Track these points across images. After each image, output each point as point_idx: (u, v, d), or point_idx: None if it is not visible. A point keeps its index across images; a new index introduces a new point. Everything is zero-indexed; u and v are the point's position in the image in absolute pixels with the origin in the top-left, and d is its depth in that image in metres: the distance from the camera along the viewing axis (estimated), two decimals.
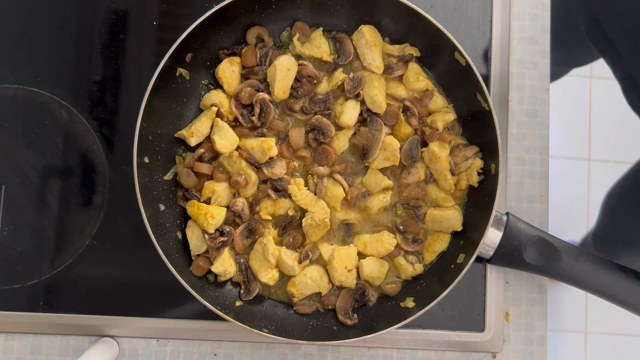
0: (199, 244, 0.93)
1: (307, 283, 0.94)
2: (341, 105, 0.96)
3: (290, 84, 0.95)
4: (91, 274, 0.98)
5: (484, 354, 1.00)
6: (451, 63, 0.92)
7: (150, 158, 0.91)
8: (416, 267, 0.95)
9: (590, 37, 1.17)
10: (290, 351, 0.99)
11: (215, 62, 0.97)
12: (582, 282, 0.90)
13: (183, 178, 0.94)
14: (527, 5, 1.06)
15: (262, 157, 0.93)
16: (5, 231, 0.99)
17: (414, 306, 0.92)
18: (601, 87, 2.37)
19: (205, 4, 1.03)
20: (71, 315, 0.98)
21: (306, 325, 0.94)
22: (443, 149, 0.94)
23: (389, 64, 0.97)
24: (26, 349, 0.98)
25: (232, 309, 0.91)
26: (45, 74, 1.01)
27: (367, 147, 0.95)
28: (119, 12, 1.03)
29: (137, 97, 0.90)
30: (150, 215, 0.87)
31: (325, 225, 0.93)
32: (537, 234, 0.91)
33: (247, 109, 0.96)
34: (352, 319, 0.93)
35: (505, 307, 1.01)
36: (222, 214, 0.92)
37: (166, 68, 0.88)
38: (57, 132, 1.00)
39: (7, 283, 0.98)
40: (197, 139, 0.94)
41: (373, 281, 0.96)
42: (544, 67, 1.05)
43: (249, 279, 0.95)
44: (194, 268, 0.92)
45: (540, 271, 0.92)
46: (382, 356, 1.00)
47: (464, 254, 0.91)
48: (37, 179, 1.00)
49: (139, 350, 0.98)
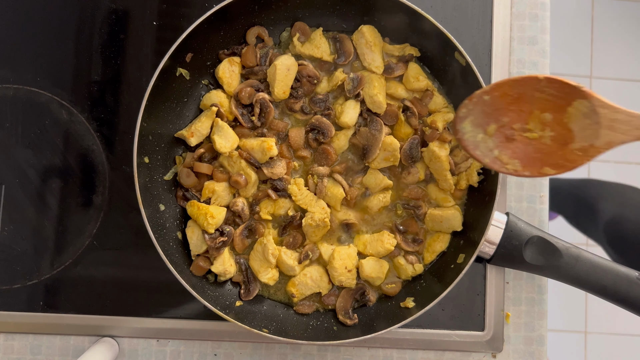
0: (199, 244, 0.93)
1: (307, 283, 0.94)
2: (341, 105, 0.96)
3: (290, 84, 0.95)
4: (91, 274, 0.99)
5: (484, 354, 1.00)
6: (451, 63, 0.92)
7: (150, 158, 0.91)
8: (416, 267, 0.95)
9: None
10: (290, 351, 0.99)
11: (216, 62, 0.97)
12: (582, 282, 0.90)
13: (183, 178, 0.94)
14: (527, 5, 1.06)
15: (262, 157, 0.93)
16: (5, 231, 0.99)
17: (413, 306, 0.92)
18: (601, 87, 2.36)
19: (205, 4, 1.03)
20: (71, 315, 0.98)
21: (306, 325, 0.94)
22: (443, 149, 0.94)
23: (389, 64, 0.97)
24: (26, 349, 0.98)
25: (232, 309, 0.91)
26: (45, 74, 1.01)
27: (367, 147, 0.95)
28: (119, 12, 1.03)
29: (137, 97, 0.90)
30: (150, 215, 0.87)
31: (325, 225, 0.93)
32: (537, 234, 0.91)
33: (247, 109, 0.96)
34: (352, 319, 0.93)
35: (505, 307, 1.01)
36: (222, 214, 0.92)
37: (166, 68, 0.88)
38: (57, 132, 1.00)
39: (7, 283, 0.98)
40: (197, 139, 0.94)
41: (373, 281, 0.96)
42: (543, 67, 1.05)
43: (249, 279, 0.95)
44: (194, 268, 0.92)
45: (540, 271, 0.92)
46: (382, 356, 1.00)
47: (463, 254, 0.91)
48: (37, 179, 1.00)
49: (139, 350, 0.98)
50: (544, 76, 0.70)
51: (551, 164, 0.72)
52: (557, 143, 0.72)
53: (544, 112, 0.71)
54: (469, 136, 0.76)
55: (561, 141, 0.72)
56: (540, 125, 0.72)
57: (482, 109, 0.74)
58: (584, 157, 0.70)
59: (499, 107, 0.73)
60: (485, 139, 0.75)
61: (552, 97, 0.70)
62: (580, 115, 0.69)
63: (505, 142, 0.74)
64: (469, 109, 0.75)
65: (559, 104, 0.70)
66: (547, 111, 0.71)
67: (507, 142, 0.74)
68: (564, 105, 0.70)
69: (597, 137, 0.68)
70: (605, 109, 0.67)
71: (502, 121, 0.73)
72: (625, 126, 0.67)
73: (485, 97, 0.74)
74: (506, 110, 0.73)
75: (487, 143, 0.75)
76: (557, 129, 0.71)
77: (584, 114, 0.69)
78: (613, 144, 0.68)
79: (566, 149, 0.71)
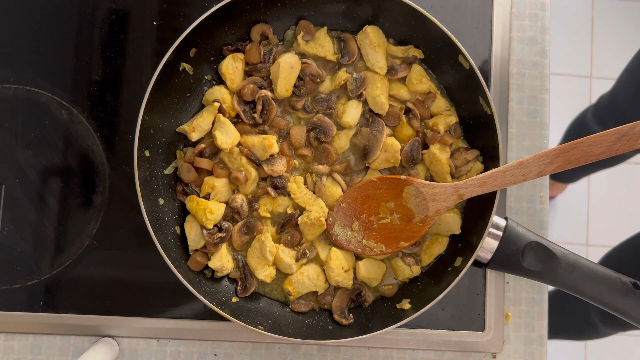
0: (197, 239, 0.93)
1: (304, 281, 0.94)
2: (343, 105, 0.96)
3: (293, 82, 0.95)
4: (91, 274, 0.98)
5: (484, 354, 1.00)
6: (454, 66, 0.92)
7: (151, 152, 0.91)
8: (413, 269, 0.95)
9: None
10: (290, 351, 0.99)
11: (219, 58, 0.97)
12: (579, 289, 0.90)
13: (183, 173, 0.94)
14: (527, 5, 1.06)
15: (262, 154, 0.93)
16: (5, 231, 0.99)
17: (409, 308, 0.92)
18: (601, 87, 2.36)
19: (205, 4, 1.02)
20: (71, 315, 0.97)
21: (301, 324, 0.94)
22: (444, 152, 0.94)
23: (392, 65, 0.97)
24: (26, 349, 0.98)
25: (228, 305, 0.91)
26: (45, 74, 1.01)
27: (368, 148, 0.95)
28: (119, 12, 1.02)
29: (137, 97, 0.90)
30: (149, 209, 0.87)
31: (320, 224, 0.93)
32: (536, 239, 0.91)
33: (249, 106, 0.96)
34: (347, 318, 0.93)
35: (506, 307, 1.01)
36: (221, 210, 0.92)
37: (170, 62, 0.88)
38: (57, 132, 1.00)
39: (7, 283, 0.98)
40: (198, 134, 0.94)
41: (370, 282, 0.96)
42: (543, 67, 1.05)
43: (246, 276, 0.95)
44: (191, 263, 0.92)
45: (538, 277, 0.92)
46: (382, 356, 1.00)
47: (461, 257, 0.91)
48: (37, 179, 1.00)
49: (139, 350, 0.98)
50: (377, 177, 0.93)
51: (404, 238, 0.92)
52: (403, 221, 0.92)
53: (387, 202, 0.92)
54: (341, 237, 0.94)
55: (406, 219, 0.92)
56: (389, 212, 0.92)
57: (343, 213, 0.94)
58: (424, 226, 0.91)
59: (355, 208, 0.94)
60: (353, 234, 0.94)
61: (389, 190, 0.92)
62: (411, 197, 0.91)
63: (369, 232, 0.93)
64: (333, 217, 0.94)
65: (395, 193, 0.92)
66: (389, 200, 0.92)
67: (370, 231, 0.93)
68: (398, 193, 0.91)
69: (427, 209, 0.90)
70: (426, 188, 0.89)
71: (361, 218, 0.93)
72: (443, 195, 0.89)
73: (342, 204, 0.94)
74: (361, 208, 0.93)
75: (356, 237, 0.94)
76: (400, 211, 0.92)
77: (414, 194, 0.90)
78: (440, 211, 0.90)
79: (411, 224, 0.92)
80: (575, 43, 2.43)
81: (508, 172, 0.84)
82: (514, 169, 0.84)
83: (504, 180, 0.85)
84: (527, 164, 0.83)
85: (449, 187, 0.88)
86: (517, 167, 0.83)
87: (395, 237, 0.92)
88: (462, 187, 0.87)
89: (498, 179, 0.85)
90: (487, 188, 0.86)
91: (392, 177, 0.91)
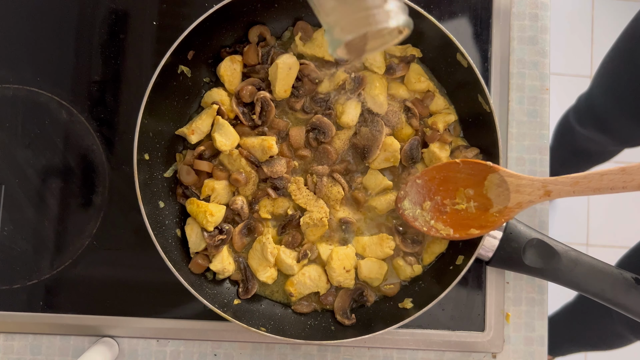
0: (197, 241, 0.93)
1: (306, 282, 0.94)
2: (342, 105, 0.96)
3: (291, 83, 0.95)
4: (91, 274, 0.98)
5: (484, 354, 1.00)
6: (453, 64, 0.92)
7: (150, 155, 0.91)
8: (415, 268, 0.95)
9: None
10: (291, 351, 0.99)
11: (217, 60, 0.97)
12: (581, 285, 0.90)
13: (183, 175, 0.94)
14: (527, 5, 1.06)
15: (262, 155, 0.93)
16: (5, 231, 0.99)
17: (412, 307, 0.92)
18: None
19: (205, 4, 1.02)
20: (71, 316, 0.97)
21: (304, 325, 0.94)
22: (443, 150, 0.94)
23: (390, 64, 0.97)
24: (26, 349, 0.98)
25: (230, 307, 0.91)
26: (45, 74, 1.01)
27: (367, 148, 0.95)
28: (119, 12, 1.02)
29: (137, 97, 0.90)
30: (149, 212, 0.87)
31: (322, 225, 0.93)
32: (537, 237, 0.91)
33: (248, 108, 0.96)
34: (350, 319, 0.93)
35: (506, 307, 1.01)
36: (221, 212, 0.92)
37: (168, 65, 0.88)
38: (57, 132, 1.00)
39: (7, 283, 0.98)
40: (197, 136, 0.94)
41: (371, 282, 0.96)
42: (543, 67, 1.05)
43: (248, 278, 0.95)
44: (192, 265, 0.92)
45: (539, 274, 0.92)
46: (382, 356, 1.00)
47: (462, 255, 0.91)
48: (37, 179, 1.00)
49: (139, 350, 0.98)
50: (461, 160, 0.88)
51: (476, 226, 0.87)
52: (479, 210, 0.87)
53: (466, 188, 0.88)
54: (408, 212, 0.91)
55: (483, 208, 0.87)
56: (466, 198, 0.88)
57: (417, 190, 0.91)
58: (501, 217, 0.86)
59: (430, 188, 0.90)
60: (422, 213, 0.91)
61: (471, 176, 0.87)
62: (494, 186, 0.86)
63: (439, 215, 0.90)
64: (405, 191, 0.91)
65: (477, 180, 0.87)
66: (469, 187, 0.88)
67: (441, 214, 0.90)
68: (480, 180, 0.87)
69: (509, 200, 0.84)
70: (511, 178, 0.84)
71: (434, 199, 0.90)
72: (529, 189, 0.83)
73: (418, 181, 0.91)
74: (436, 190, 0.90)
75: (424, 216, 0.91)
76: (479, 199, 0.87)
77: (496, 184, 0.85)
78: (522, 205, 0.84)
79: (487, 213, 0.87)
80: (575, 43, 2.42)
81: (606, 175, 0.75)
82: (614, 174, 0.74)
83: (600, 183, 0.76)
84: (630, 171, 0.73)
85: (536, 180, 0.82)
86: (618, 173, 0.74)
87: (466, 224, 0.88)
88: (551, 184, 0.80)
89: (594, 181, 0.76)
90: (579, 189, 0.78)
91: (478, 161, 0.87)
